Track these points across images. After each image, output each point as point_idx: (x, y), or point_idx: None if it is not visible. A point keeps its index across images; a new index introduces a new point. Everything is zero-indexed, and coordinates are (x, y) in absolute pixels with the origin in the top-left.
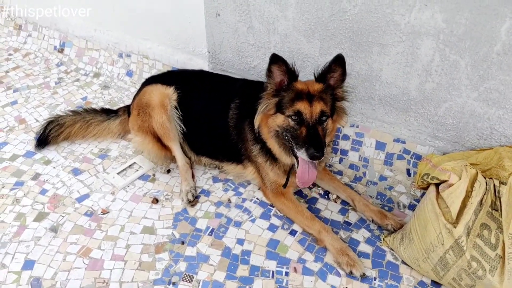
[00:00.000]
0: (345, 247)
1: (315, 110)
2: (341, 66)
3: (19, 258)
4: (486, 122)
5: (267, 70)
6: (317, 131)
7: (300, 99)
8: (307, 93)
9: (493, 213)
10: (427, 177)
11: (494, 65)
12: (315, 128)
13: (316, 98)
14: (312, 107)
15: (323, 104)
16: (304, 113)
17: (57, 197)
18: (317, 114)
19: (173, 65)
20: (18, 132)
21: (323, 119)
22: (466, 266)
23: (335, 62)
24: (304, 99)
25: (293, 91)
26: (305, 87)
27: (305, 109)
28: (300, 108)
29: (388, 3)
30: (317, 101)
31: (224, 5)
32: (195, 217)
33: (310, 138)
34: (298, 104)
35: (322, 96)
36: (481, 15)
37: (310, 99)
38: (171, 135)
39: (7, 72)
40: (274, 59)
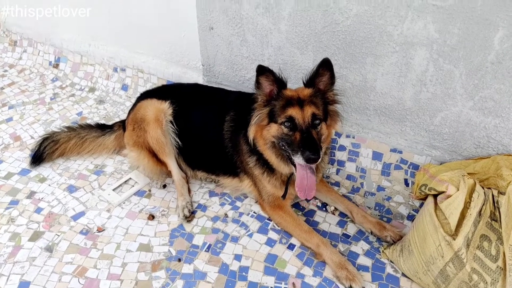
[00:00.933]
0: (344, 261)
1: (307, 113)
2: (328, 70)
3: (14, 279)
4: (482, 131)
5: (256, 82)
6: (311, 134)
7: (291, 105)
8: (297, 99)
9: (492, 223)
10: (424, 188)
11: (489, 74)
12: (309, 132)
13: (306, 103)
14: (304, 111)
15: (314, 108)
16: (296, 118)
17: (52, 215)
18: (309, 117)
19: (168, 79)
20: (13, 150)
21: (316, 122)
22: (467, 279)
23: (322, 66)
24: (295, 104)
25: (283, 98)
26: (295, 93)
27: (297, 114)
28: (292, 114)
29: (380, 14)
30: (307, 105)
31: (217, 19)
32: (191, 233)
33: (305, 142)
34: (289, 110)
35: (313, 100)
36: (473, 25)
37: (301, 104)
38: (166, 150)
39: (3, 88)
40: (260, 70)
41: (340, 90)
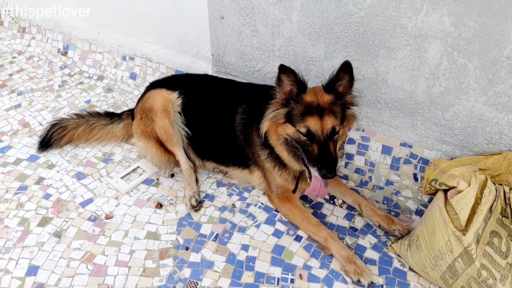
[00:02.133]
0: (352, 255)
1: (326, 126)
2: (348, 73)
3: (23, 263)
4: (495, 127)
5: (277, 79)
6: (328, 149)
7: (310, 113)
8: (317, 106)
9: (503, 220)
10: (435, 183)
11: (504, 69)
12: (327, 146)
13: (326, 112)
14: (323, 123)
15: (333, 119)
16: (315, 130)
17: (60, 201)
18: (329, 130)
19: (176, 68)
20: (22, 136)
21: (335, 133)
22: (475, 275)
23: (342, 70)
24: (315, 114)
25: (302, 104)
26: (315, 99)
27: (316, 126)
28: (311, 125)
29: (394, 6)
30: (327, 116)
31: (228, 8)
32: (199, 222)
33: (322, 157)
34: (308, 120)
35: (333, 108)
36: (490, 18)
37: (320, 113)
38: (174, 140)
39: (11, 75)
40: (282, 69)
41: (358, 91)
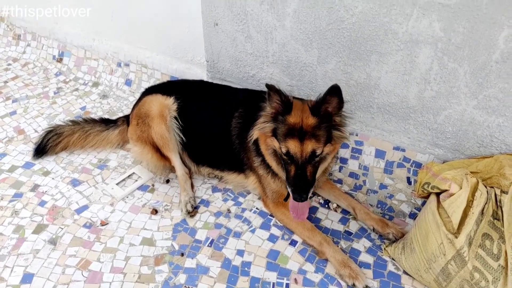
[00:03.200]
0: (346, 259)
1: (306, 149)
2: (337, 96)
3: (18, 271)
4: (486, 130)
5: (267, 94)
6: (304, 173)
7: (291, 135)
8: (299, 129)
9: (494, 222)
10: (427, 186)
11: (493, 73)
12: (304, 169)
13: (308, 136)
14: (303, 146)
15: (314, 143)
16: (294, 153)
17: (56, 208)
18: (308, 154)
19: (171, 74)
20: (17, 143)
21: (316, 156)
22: (468, 277)
23: (329, 93)
24: (296, 136)
25: (286, 124)
26: (299, 120)
27: (295, 148)
28: (290, 147)
29: (385, 12)
30: (308, 140)
31: (222, 15)
32: (194, 228)
33: (296, 180)
34: (289, 142)
35: (315, 132)
36: (478, 24)
37: (301, 136)
38: (170, 146)
39: (6, 82)
40: (269, 88)
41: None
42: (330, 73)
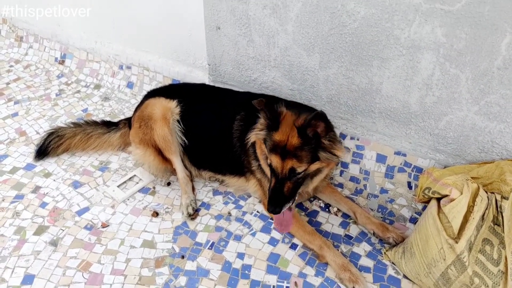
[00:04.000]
0: (347, 263)
1: (286, 167)
2: (322, 121)
3: (19, 272)
4: (487, 136)
5: None
6: (282, 187)
7: (274, 152)
8: (282, 147)
9: (495, 228)
10: (428, 191)
11: (495, 79)
12: (282, 184)
13: (289, 156)
14: (284, 164)
15: (296, 162)
16: (275, 168)
17: (57, 210)
18: (287, 171)
19: (173, 77)
20: (18, 145)
21: (296, 174)
22: (468, 282)
23: (314, 118)
24: (278, 153)
25: (272, 140)
26: (284, 138)
27: (277, 164)
28: (273, 163)
29: (387, 18)
30: (289, 159)
31: (224, 19)
32: (195, 231)
33: (272, 193)
34: (272, 157)
35: (297, 153)
36: (481, 30)
37: (283, 155)
38: (172, 148)
39: (8, 83)
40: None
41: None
42: (332, 78)
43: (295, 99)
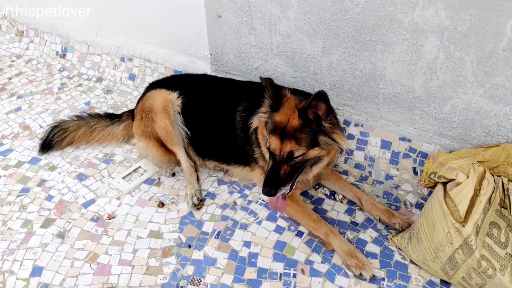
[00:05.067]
0: (353, 249)
1: (284, 149)
2: (324, 102)
3: (27, 264)
4: (492, 119)
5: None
6: (278, 170)
7: (274, 133)
8: (282, 128)
9: (502, 211)
10: (434, 176)
11: (500, 62)
12: (279, 167)
13: (288, 138)
14: (282, 145)
15: (294, 144)
16: (273, 150)
17: (63, 203)
18: (285, 153)
19: (175, 68)
20: (22, 139)
21: (294, 157)
22: (475, 265)
23: (315, 99)
24: (277, 135)
25: (272, 121)
26: (284, 119)
27: (275, 146)
28: (271, 144)
29: (390, 1)
30: (288, 141)
31: (225, 7)
32: (201, 220)
33: (268, 176)
34: (271, 138)
35: (296, 135)
36: (485, 11)
37: (282, 136)
38: (174, 140)
39: (10, 78)
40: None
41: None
42: (335, 64)
43: (298, 86)
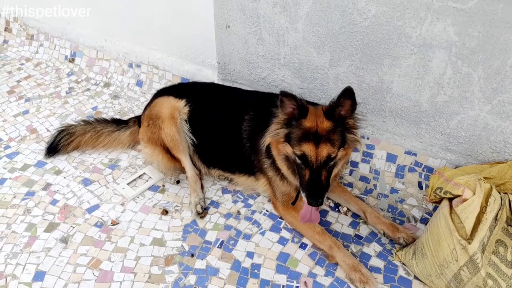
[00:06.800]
0: (357, 263)
1: (321, 153)
2: (350, 98)
3: (30, 269)
4: (499, 135)
5: (279, 101)
6: (319, 177)
7: (307, 140)
8: (314, 133)
9: (508, 229)
10: (440, 191)
11: (508, 78)
12: (319, 173)
13: (323, 140)
14: (318, 150)
15: (330, 147)
16: (309, 156)
17: (67, 207)
18: (323, 158)
19: (182, 76)
20: (29, 142)
21: (331, 160)
22: (481, 284)
23: (343, 95)
24: (311, 140)
25: (301, 128)
26: (314, 124)
27: (310, 152)
28: (306, 151)
29: (399, 16)
30: (324, 144)
31: (234, 17)
32: (204, 229)
33: (311, 185)
34: (304, 146)
35: (330, 136)
36: (494, 28)
37: (317, 141)
38: (180, 147)
39: (19, 81)
40: (284, 94)
41: (362, 113)
42: (342, 76)
43: (304, 97)
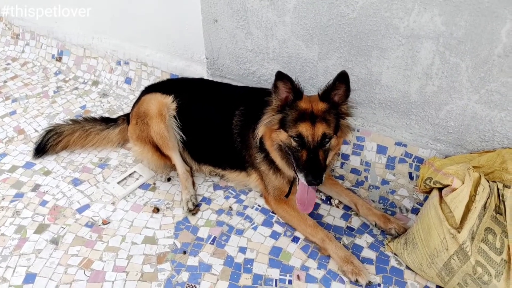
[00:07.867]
0: (349, 255)
1: (317, 132)
2: (345, 83)
3: (20, 271)
4: (488, 125)
5: (273, 86)
6: (317, 156)
7: (303, 120)
8: (310, 113)
9: (497, 217)
10: (429, 181)
11: (495, 67)
12: (316, 153)
13: (319, 120)
14: (315, 129)
15: (325, 126)
16: (306, 136)
17: (57, 208)
18: (319, 137)
19: (171, 72)
20: (17, 143)
21: (325, 141)
22: (471, 271)
23: (338, 79)
24: (307, 120)
25: (296, 110)
26: (309, 106)
27: (307, 132)
28: (302, 131)
29: (386, 7)
30: (319, 123)
31: (221, 11)
32: (196, 226)
33: (309, 164)
34: (300, 126)
35: (326, 117)
36: (480, 17)
37: (313, 120)
38: (169, 144)
39: (5, 82)
40: (279, 76)
41: (353, 102)
42: (331, 69)
43: None
